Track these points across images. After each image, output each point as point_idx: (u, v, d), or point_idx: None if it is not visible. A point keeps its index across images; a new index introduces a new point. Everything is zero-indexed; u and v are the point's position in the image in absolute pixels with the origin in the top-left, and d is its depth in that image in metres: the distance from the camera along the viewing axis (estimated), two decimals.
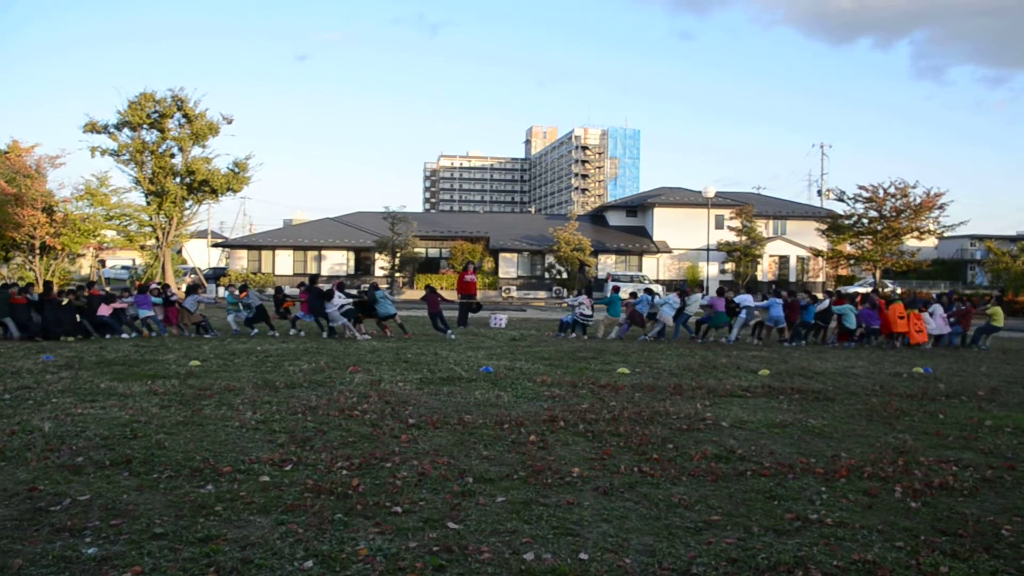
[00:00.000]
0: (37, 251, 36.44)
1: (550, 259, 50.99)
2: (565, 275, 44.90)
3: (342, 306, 18.19)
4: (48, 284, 19.56)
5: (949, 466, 6.90)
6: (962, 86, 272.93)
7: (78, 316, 17.53)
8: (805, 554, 4.68)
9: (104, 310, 17.57)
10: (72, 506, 5.28)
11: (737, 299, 19.79)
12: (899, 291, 40.65)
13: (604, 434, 7.89)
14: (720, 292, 20.20)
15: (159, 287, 20.06)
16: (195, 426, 7.90)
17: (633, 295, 20.62)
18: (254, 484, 5.85)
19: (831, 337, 19.68)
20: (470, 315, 22.59)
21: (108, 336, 17.29)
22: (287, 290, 22.68)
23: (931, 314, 19.49)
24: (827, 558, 4.63)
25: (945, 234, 47.00)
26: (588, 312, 19.82)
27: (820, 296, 22.07)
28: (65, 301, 17.84)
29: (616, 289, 20.84)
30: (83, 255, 44.67)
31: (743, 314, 19.37)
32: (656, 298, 20.21)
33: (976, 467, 6.89)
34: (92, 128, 36.72)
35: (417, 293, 43.74)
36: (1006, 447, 7.78)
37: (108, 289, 21.26)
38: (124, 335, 17.50)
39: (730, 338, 19.19)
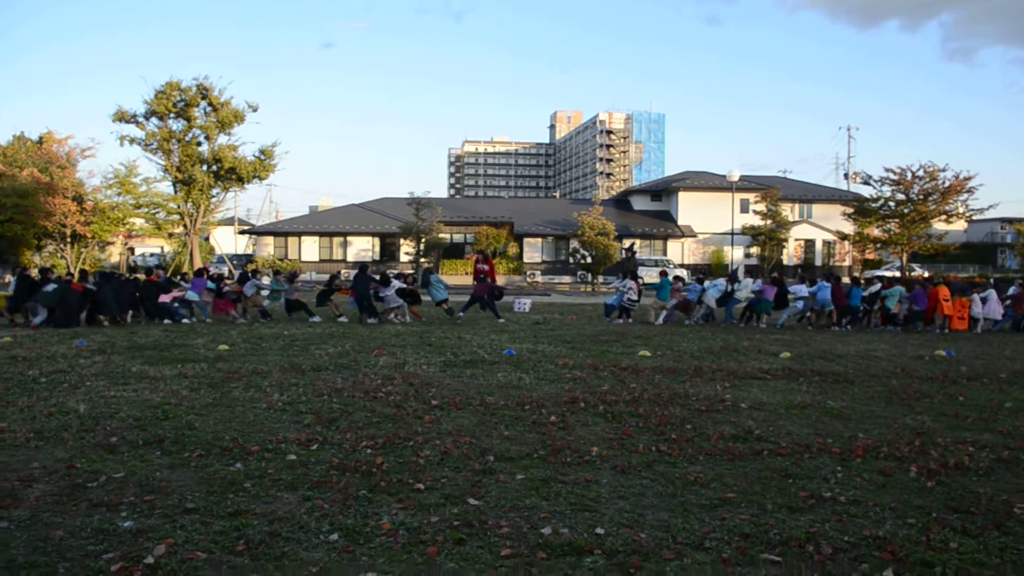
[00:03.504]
0: (68, 239, 37.09)
1: (574, 244, 51.00)
2: (590, 260, 44.86)
3: (400, 290, 18.71)
4: (103, 271, 20.19)
5: (966, 447, 6.93)
6: (993, 68, 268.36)
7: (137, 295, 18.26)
8: (817, 530, 4.78)
9: (166, 298, 18.10)
10: (108, 483, 5.49)
11: (792, 289, 19.81)
12: (927, 274, 40.23)
13: (624, 415, 8.01)
14: (774, 281, 20.23)
15: (216, 274, 20.61)
16: (224, 408, 8.12)
17: (678, 279, 20.71)
18: (281, 462, 6.04)
19: (874, 320, 19.60)
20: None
21: (167, 321, 17.70)
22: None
23: (984, 299, 19.32)
24: (839, 534, 4.73)
25: (974, 217, 46.49)
26: (635, 297, 19.94)
27: (862, 282, 21.92)
28: (131, 277, 18.54)
29: (664, 274, 20.91)
30: (112, 243, 45.42)
31: (799, 304, 19.34)
32: (706, 283, 20.34)
33: (993, 448, 6.93)
34: (121, 117, 37.19)
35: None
36: None
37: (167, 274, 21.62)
38: (185, 320, 18.04)
39: (778, 323, 19.25)
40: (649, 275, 33.77)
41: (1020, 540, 4.69)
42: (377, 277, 19.09)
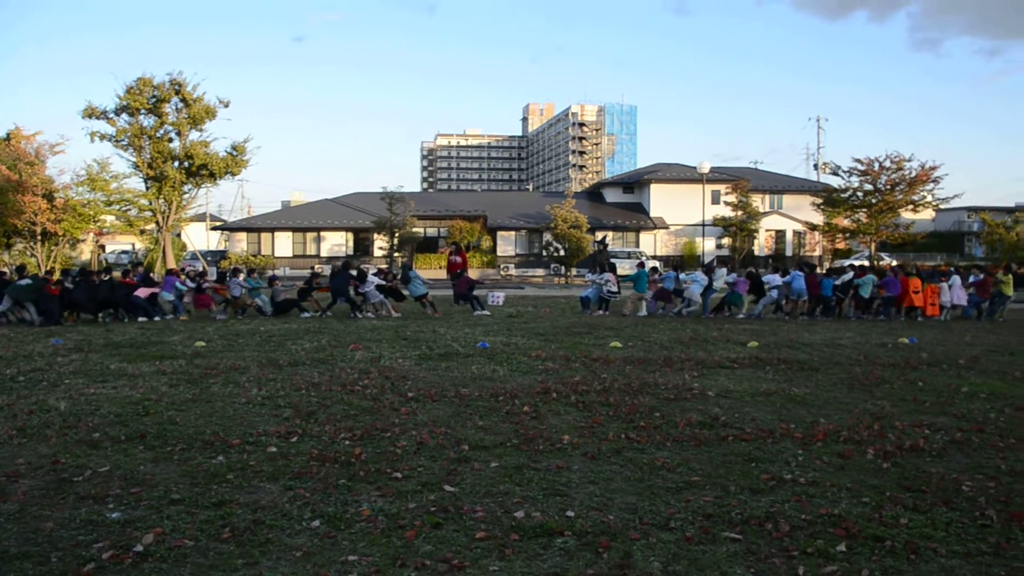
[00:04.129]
0: (38, 237, 36.74)
1: (548, 237, 51.22)
2: (563, 252, 45.15)
3: (379, 285, 18.99)
4: (83, 269, 20.03)
5: (922, 430, 7.24)
6: (958, 58, 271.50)
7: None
8: (776, 509, 5.04)
9: (143, 292, 18.10)
10: (93, 477, 5.65)
11: (765, 278, 20.17)
12: (895, 263, 40.90)
13: (594, 404, 8.26)
14: (749, 275, 20.59)
15: (195, 272, 20.67)
16: (204, 403, 8.27)
17: (654, 270, 20.93)
18: (262, 455, 6.22)
19: (848, 310, 19.99)
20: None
21: (142, 319, 17.64)
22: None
23: (950, 286, 19.79)
24: (796, 512, 4.99)
25: (941, 206, 47.25)
26: (615, 289, 20.20)
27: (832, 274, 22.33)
28: (106, 277, 18.53)
29: (641, 265, 21.19)
30: (83, 240, 44.99)
31: (773, 293, 19.67)
32: (682, 275, 20.61)
33: (947, 430, 7.23)
34: (91, 113, 36.86)
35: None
36: (979, 411, 8.13)
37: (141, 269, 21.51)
38: (157, 317, 17.94)
39: (755, 312, 19.58)
40: (622, 267, 34.08)
41: (966, 515, 4.98)
42: (354, 274, 19.22)
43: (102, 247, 54.10)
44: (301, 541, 4.47)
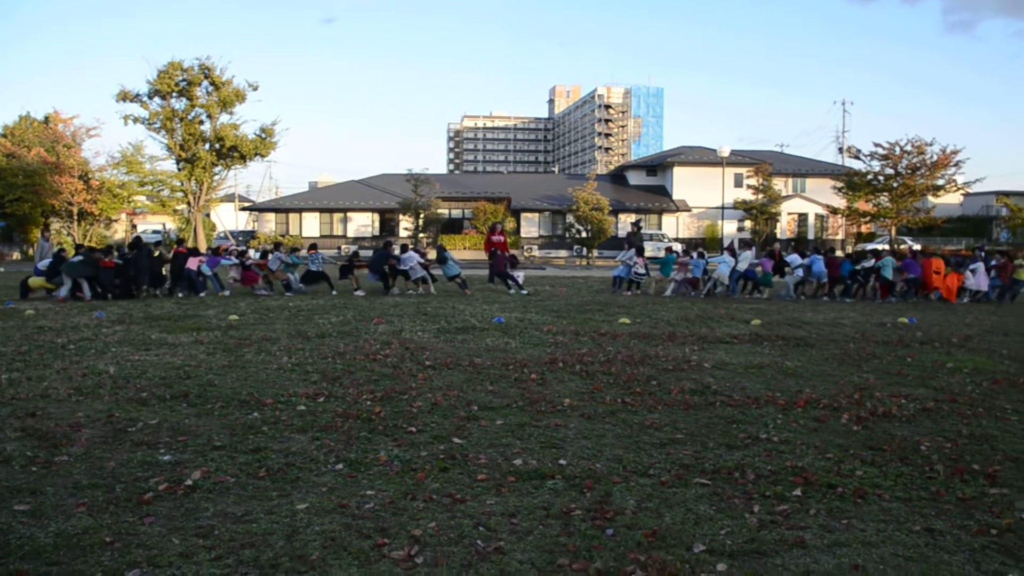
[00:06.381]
0: (75, 217, 37.92)
1: (570, 219, 51.76)
2: (585, 234, 45.70)
3: (420, 262, 19.72)
4: (137, 238, 20.69)
5: (898, 399, 7.83)
6: (993, 41, 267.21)
7: (164, 270, 19.08)
8: (747, 462, 5.69)
9: (193, 263, 18.86)
10: (145, 428, 6.42)
11: (787, 258, 20.68)
12: (917, 247, 41.03)
13: (597, 373, 8.94)
14: (771, 254, 21.13)
15: (237, 250, 21.51)
16: (239, 368, 9.05)
17: (687, 252, 21.48)
18: (293, 412, 6.97)
19: (871, 293, 20.35)
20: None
21: (189, 293, 18.40)
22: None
23: (973, 271, 20.12)
24: (764, 464, 5.64)
25: (969, 191, 47.24)
26: (642, 271, 20.87)
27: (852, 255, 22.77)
28: (156, 253, 19.30)
29: (669, 250, 21.80)
30: (117, 220, 46.26)
31: (799, 272, 20.21)
32: (710, 258, 21.09)
33: (922, 400, 7.82)
34: (124, 97, 37.91)
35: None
36: (957, 384, 8.69)
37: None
38: (203, 294, 18.66)
39: (782, 293, 20.11)
40: (649, 251, 34.65)
41: (916, 469, 5.59)
42: (396, 252, 19.89)
43: (134, 227, 55.41)
44: (327, 479, 5.19)
